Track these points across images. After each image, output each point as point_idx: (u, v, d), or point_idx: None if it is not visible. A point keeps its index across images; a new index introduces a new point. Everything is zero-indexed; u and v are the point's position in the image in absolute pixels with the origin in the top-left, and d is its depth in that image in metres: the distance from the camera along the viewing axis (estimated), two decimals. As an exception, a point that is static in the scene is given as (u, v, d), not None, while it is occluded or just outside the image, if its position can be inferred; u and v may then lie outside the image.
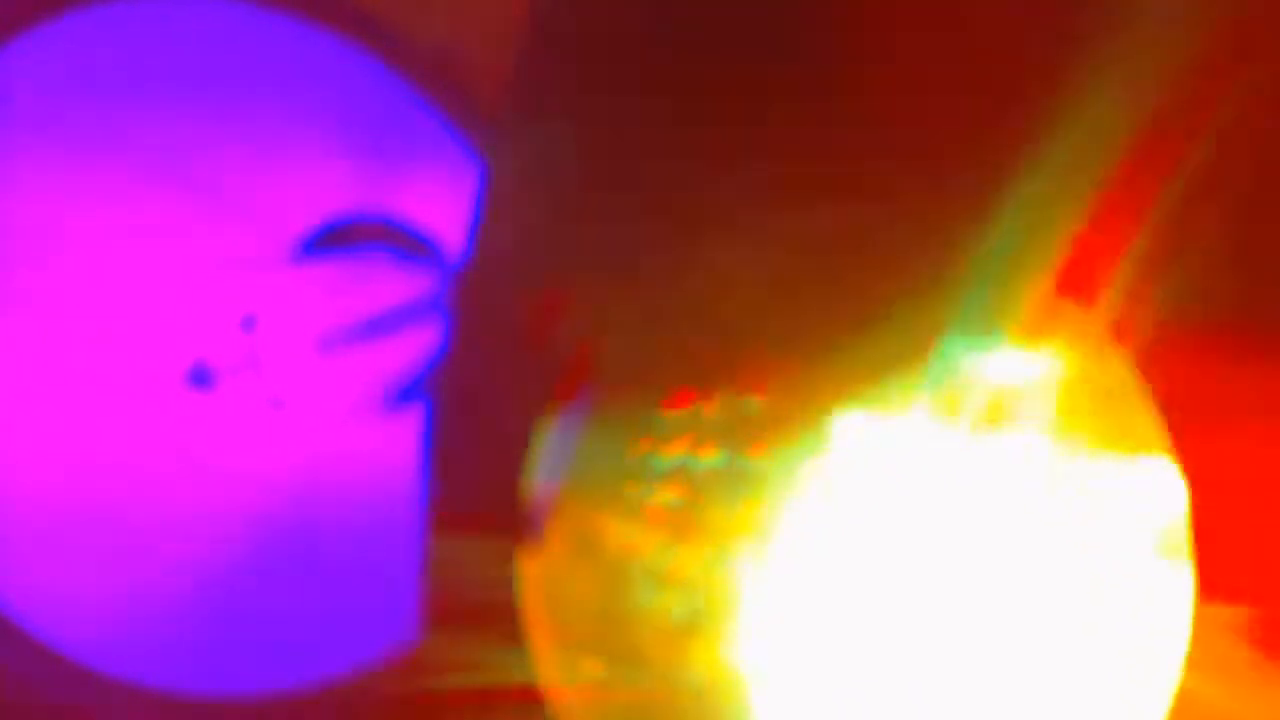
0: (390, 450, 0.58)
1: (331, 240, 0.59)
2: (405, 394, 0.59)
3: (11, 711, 0.50)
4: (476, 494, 0.38)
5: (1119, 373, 0.32)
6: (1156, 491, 0.31)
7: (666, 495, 0.34)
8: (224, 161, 0.55)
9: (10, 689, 0.50)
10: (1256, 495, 0.31)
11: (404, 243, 0.59)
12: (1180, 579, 0.31)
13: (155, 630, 0.52)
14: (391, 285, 0.57)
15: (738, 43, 0.36)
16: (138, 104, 0.52)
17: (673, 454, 0.34)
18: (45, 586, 0.51)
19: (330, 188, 0.58)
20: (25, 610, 0.50)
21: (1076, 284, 0.32)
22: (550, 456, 0.36)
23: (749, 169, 0.36)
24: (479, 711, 0.37)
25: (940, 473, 0.33)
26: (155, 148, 0.54)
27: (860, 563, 0.33)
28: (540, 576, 0.36)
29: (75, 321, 0.54)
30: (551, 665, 0.35)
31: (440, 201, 0.57)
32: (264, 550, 0.55)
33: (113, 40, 0.49)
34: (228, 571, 0.54)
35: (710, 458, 0.34)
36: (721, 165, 0.36)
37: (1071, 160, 0.31)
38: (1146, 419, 0.32)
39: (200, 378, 0.50)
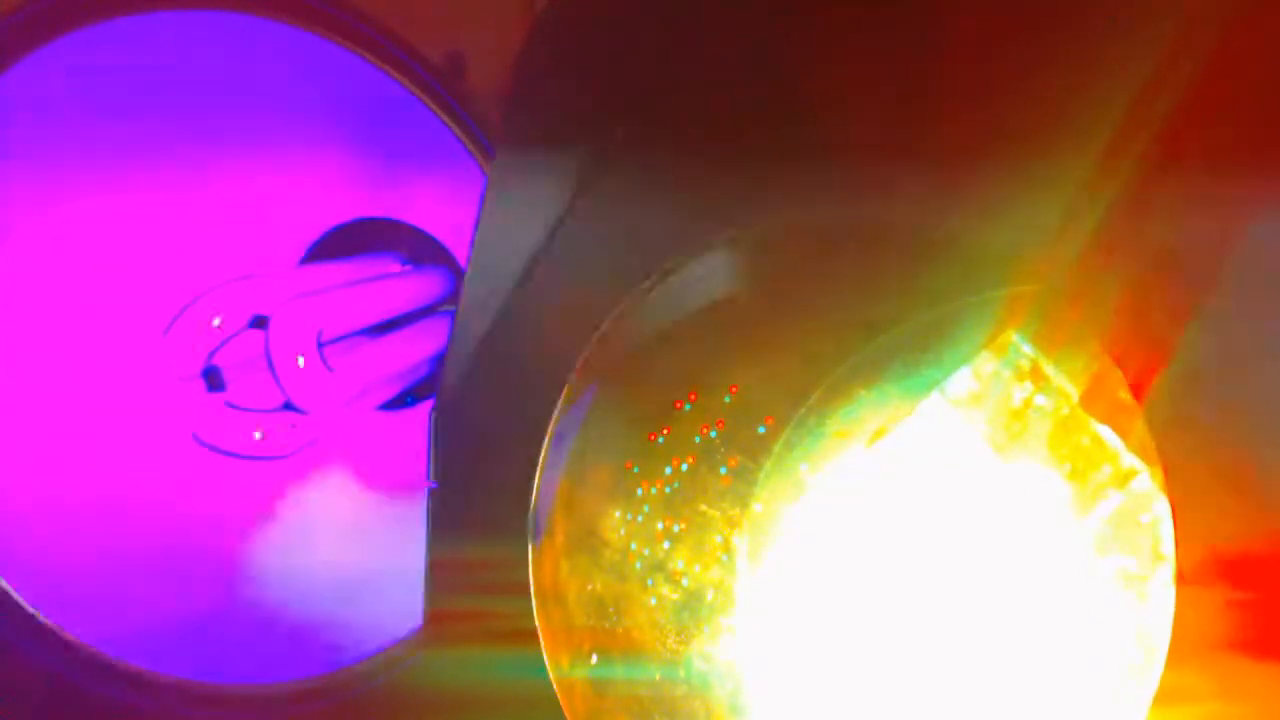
0: (395, 448, 0.58)
1: (340, 243, 0.60)
2: (411, 392, 0.59)
3: (35, 698, 0.51)
4: (481, 490, 0.39)
5: (1113, 387, 0.32)
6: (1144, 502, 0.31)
7: (669, 491, 0.34)
8: (237, 167, 0.56)
9: (37, 680, 0.51)
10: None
11: (411, 246, 0.59)
12: (1163, 587, 0.31)
13: (171, 624, 0.53)
14: (398, 287, 0.58)
15: (736, 45, 0.36)
16: (154, 115, 0.53)
17: (676, 451, 0.34)
18: (67, 582, 0.52)
19: (339, 192, 0.58)
20: (48, 603, 0.51)
21: (1082, 300, 0.32)
22: (555, 453, 0.36)
23: (749, 170, 0.36)
24: (479, 709, 0.37)
25: (938, 474, 0.33)
26: (171, 156, 0.54)
27: (856, 560, 0.33)
28: (544, 571, 0.36)
29: (88, 326, 0.55)
30: (555, 659, 0.36)
31: (447, 206, 0.57)
32: (272, 545, 0.56)
33: (127, 53, 0.50)
34: (236, 567, 0.55)
35: (713, 455, 0.34)
36: (720, 166, 0.36)
37: (1091, 169, 0.31)
38: (1138, 433, 0.32)
39: (211, 378, 0.51)
